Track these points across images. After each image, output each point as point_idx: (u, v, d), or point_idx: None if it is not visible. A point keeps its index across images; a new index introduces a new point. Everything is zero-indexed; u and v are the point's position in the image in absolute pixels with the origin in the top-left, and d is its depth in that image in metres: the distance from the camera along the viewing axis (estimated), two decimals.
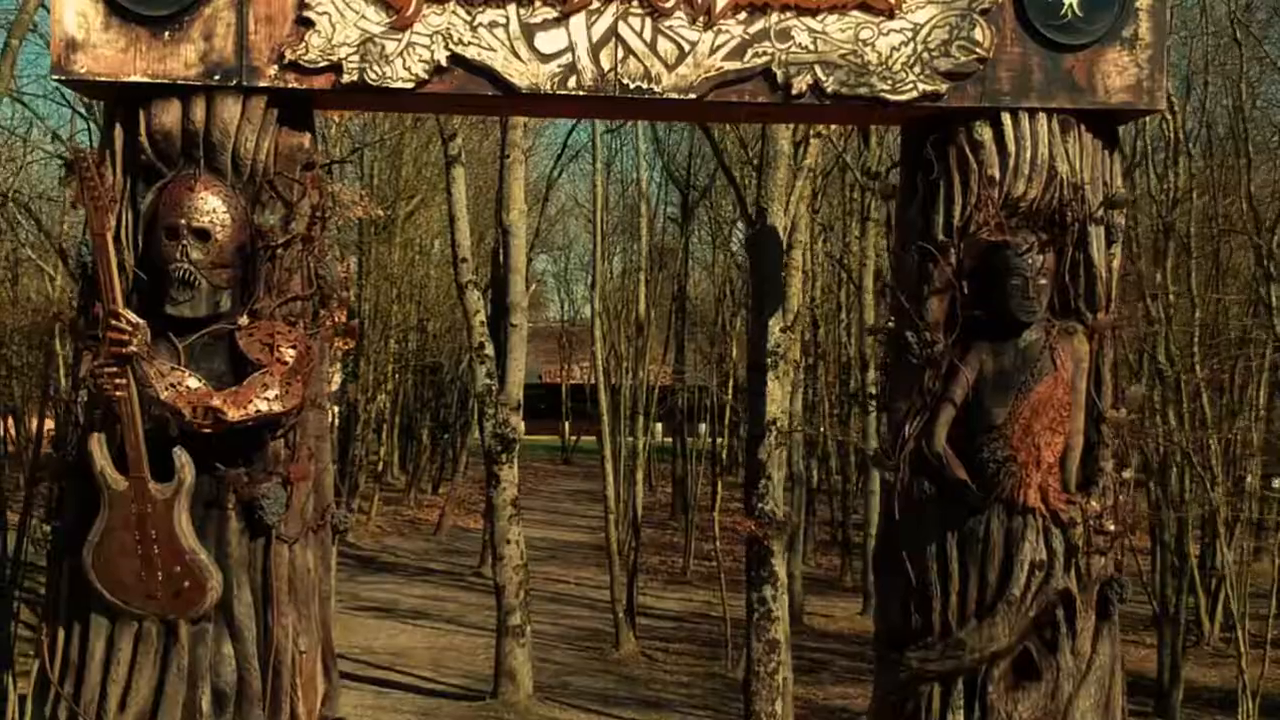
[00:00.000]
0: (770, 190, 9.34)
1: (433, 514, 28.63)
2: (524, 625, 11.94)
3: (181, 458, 4.47)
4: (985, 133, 4.85)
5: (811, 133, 10.34)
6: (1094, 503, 4.88)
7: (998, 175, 4.84)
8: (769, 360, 9.12)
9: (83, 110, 16.04)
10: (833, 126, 12.23)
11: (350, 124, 27.43)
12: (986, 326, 4.88)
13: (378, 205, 19.21)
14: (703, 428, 29.54)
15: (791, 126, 9.56)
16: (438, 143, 24.57)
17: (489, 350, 12.39)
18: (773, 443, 9.16)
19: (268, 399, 4.48)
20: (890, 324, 5.04)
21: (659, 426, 30.23)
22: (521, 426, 12.72)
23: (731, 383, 24.27)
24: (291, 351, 4.58)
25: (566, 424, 47.00)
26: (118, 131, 4.74)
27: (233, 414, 4.41)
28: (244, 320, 4.64)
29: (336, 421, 29.57)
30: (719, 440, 28.90)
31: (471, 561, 21.94)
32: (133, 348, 4.37)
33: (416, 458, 34.61)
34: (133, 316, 4.40)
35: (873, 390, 18.80)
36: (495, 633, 12.31)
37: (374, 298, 27.14)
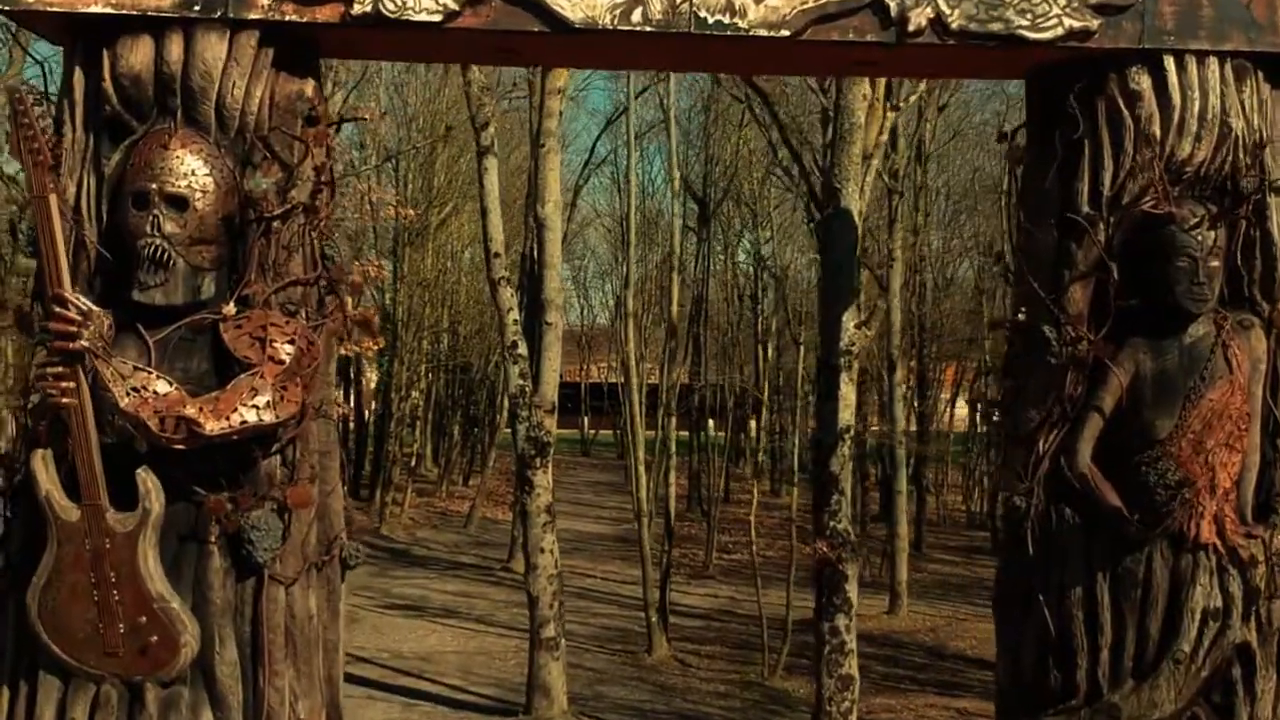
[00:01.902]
0: (844, 169, 7.94)
1: (463, 505, 27.43)
2: (558, 638, 10.52)
3: (147, 481, 3.25)
4: (1143, 80, 3.59)
5: (889, 105, 9.00)
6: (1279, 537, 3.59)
7: (1158, 133, 3.59)
8: (842, 360, 7.75)
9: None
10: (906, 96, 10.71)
11: (385, 138, 26.43)
12: (1144, 319, 3.62)
13: (409, 208, 17.97)
14: (711, 423, 28.53)
15: (865, 98, 8.19)
16: (469, 153, 23.52)
17: (522, 350, 10.95)
18: (846, 453, 7.80)
19: (257, 407, 3.26)
20: (1021, 316, 3.75)
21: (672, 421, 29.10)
22: (554, 427, 11.34)
23: (766, 384, 23.13)
24: (289, 348, 3.35)
25: (585, 419, 47.39)
26: (77, 77, 3.53)
27: (211, 426, 3.18)
28: (230, 309, 3.42)
29: (372, 418, 28.58)
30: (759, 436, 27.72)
31: (500, 555, 20.67)
32: (83, 342, 3.16)
33: (448, 452, 33.50)
34: (83, 301, 3.19)
35: (902, 389, 17.61)
36: (528, 643, 10.94)
37: (407, 301, 25.99)
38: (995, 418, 3.88)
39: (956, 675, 13.40)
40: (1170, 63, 3.59)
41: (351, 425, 30.35)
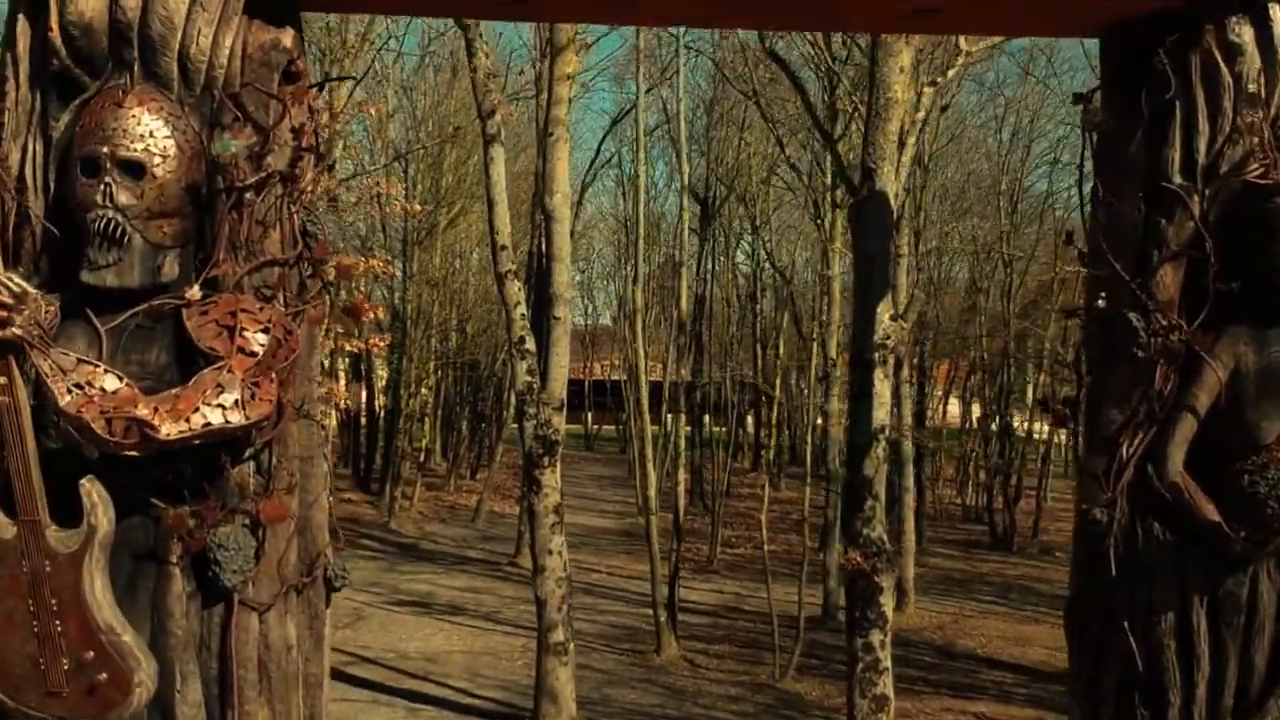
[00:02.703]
0: (879, 148, 7.28)
1: (471, 499, 26.90)
2: (567, 642, 9.86)
3: (93, 494, 2.66)
4: (1245, 32, 3.02)
5: (925, 81, 8.40)
6: None
7: (1263, 92, 2.99)
8: (876, 355, 7.13)
9: None
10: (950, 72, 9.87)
11: (395, 140, 25.92)
12: (1245, 305, 3.03)
13: (417, 203, 17.37)
14: (707, 419, 28.22)
15: (903, 70, 7.54)
16: (476, 154, 22.97)
17: (530, 345, 10.31)
18: (880, 455, 7.17)
19: (223, 406, 2.67)
20: (1101, 302, 3.17)
21: (669, 417, 28.80)
22: (562, 425, 10.71)
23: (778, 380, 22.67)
24: (262, 338, 2.77)
25: (589, 415, 47.52)
26: (21, 27, 2.95)
27: (168, 429, 2.60)
28: (195, 293, 2.83)
29: (382, 414, 28.07)
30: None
31: (507, 549, 20.08)
32: (16, 329, 2.57)
33: (456, 447, 33.03)
34: (16, 282, 2.61)
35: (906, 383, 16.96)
36: (536, 646, 10.31)
37: (416, 300, 25.49)
38: (1069, 420, 3.27)
39: (969, 676, 12.83)
40: (1276, 12, 3.01)
41: (363, 420, 29.87)
